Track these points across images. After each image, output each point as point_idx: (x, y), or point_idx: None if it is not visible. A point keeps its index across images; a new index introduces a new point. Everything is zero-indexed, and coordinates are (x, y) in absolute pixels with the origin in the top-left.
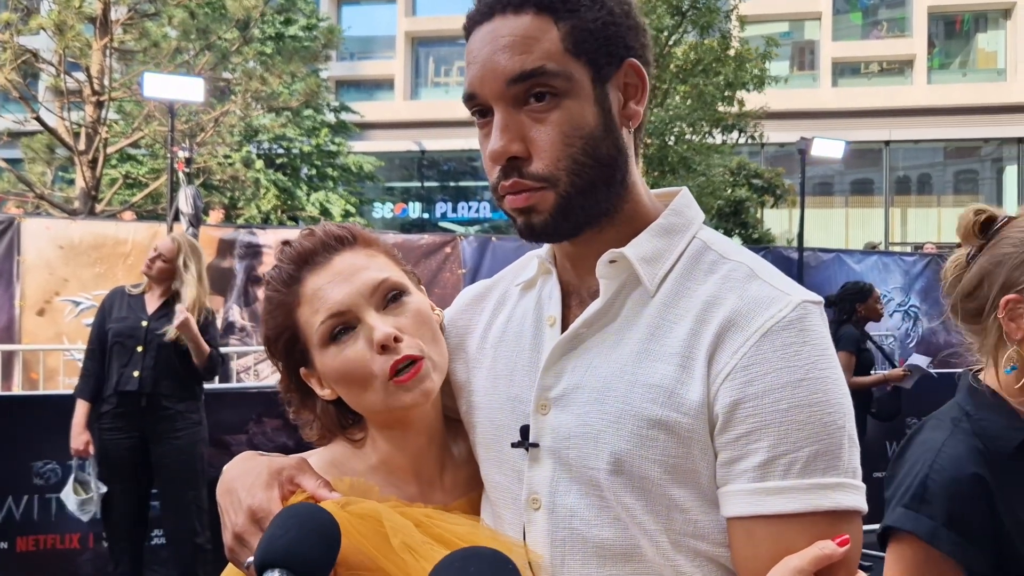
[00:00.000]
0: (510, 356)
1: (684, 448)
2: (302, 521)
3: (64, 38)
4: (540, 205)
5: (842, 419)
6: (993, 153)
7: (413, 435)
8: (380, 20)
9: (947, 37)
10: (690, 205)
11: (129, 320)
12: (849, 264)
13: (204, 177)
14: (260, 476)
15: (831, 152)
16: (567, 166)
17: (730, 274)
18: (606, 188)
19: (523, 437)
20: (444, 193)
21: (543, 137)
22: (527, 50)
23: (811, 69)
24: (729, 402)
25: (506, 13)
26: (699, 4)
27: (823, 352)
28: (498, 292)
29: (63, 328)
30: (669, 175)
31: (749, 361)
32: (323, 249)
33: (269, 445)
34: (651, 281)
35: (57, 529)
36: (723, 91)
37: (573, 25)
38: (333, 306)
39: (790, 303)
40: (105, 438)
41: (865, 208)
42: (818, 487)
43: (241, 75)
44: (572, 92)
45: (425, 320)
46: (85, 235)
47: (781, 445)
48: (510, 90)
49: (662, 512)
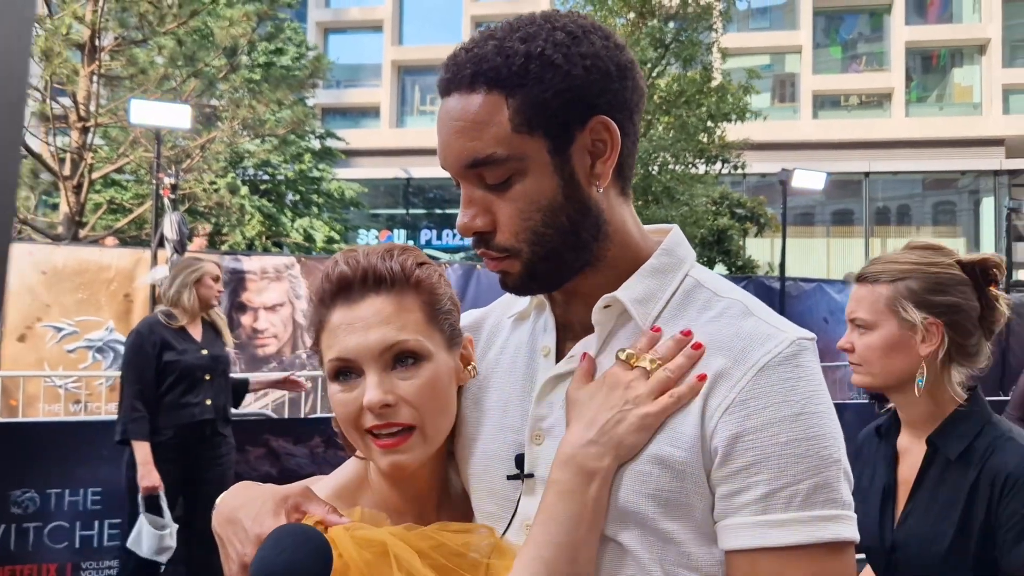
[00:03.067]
0: (503, 388)
1: (678, 482)
2: (296, 541)
3: (51, 64)
4: (509, 270)
5: (837, 452)
6: (970, 185)
7: (408, 488)
8: (366, 48)
9: (924, 71)
10: (681, 243)
11: (191, 352)
12: (830, 294)
13: (189, 203)
14: (266, 504)
15: (812, 183)
16: (527, 238)
17: (725, 311)
18: (572, 251)
19: (518, 466)
20: (429, 220)
21: (503, 212)
22: (477, 136)
23: (792, 101)
24: (728, 436)
25: (460, 90)
26: (682, 37)
27: (817, 387)
28: (490, 324)
29: (44, 354)
30: (653, 204)
31: (747, 395)
32: (360, 284)
33: (253, 474)
34: (644, 320)
35: (34, 559)
36: (705, 122)
37: (523, 100)
38: (341, 352)
39: (785, 339)
40: (159, 471)
41: (846, 238)
42: (819, 519)
43: (228, 102)
44: (527, 169)
45: (435, 391)
46: (68, 261)
47: (782, 478)
48: (468, 173)
49: (656, 544)
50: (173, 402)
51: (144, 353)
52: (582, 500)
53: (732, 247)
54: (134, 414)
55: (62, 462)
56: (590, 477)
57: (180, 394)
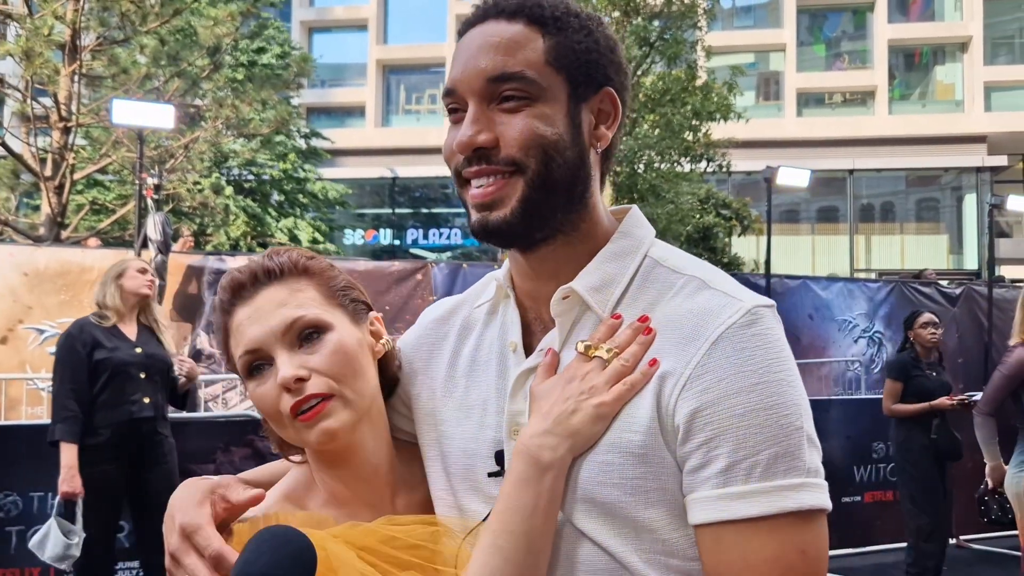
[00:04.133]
0: (481, 386)
1: (642, 467)
2: (277, 544)
3: (32, 64)
4: (507, 195)
5: (799, 420)
6: (953, 182)
7: (352, 467)
8: (351, 48)
9: (907, 69)
10: (639, 224)
11: (123, 349)
12: (816, 291)
13: (173, 204)
14: (194, 496)
15: (797, 180)
16: (536, 154)
17: (682, 289)
18: (567, 195)
19: (498, 462)
20: (415, 220)
21: (513, 129)
22: (511, 53)
23: (776, 99)
24: (688, 412)
25: (500, 18)
26: (667, 36)
27: (777, 355)
28: (461, 316)
29: (26, 357)
30: (639, 202)
31: (703, 370)
32: (251, 283)
33: None
34: (602, 308)
35: (17, 563)
36: (691, 120)
37: (559, 41)
38: (248, 343)
39: (740, 309)
40: (97, 473)
41: (831, 235)
42: (781, 488)
43: (212, 102)
44: (546, 99)
45: (344, 357)
46: (50, 262)
47: (741, 450)
48: (488, 88)
49: (630, 534)
50: (108, 401)
51: (75, 352)
52: (537, 490)
53: (718, 245)
54: (65, 414)
55: (45, 465)
56: (545, 468)
57: (114, 392)
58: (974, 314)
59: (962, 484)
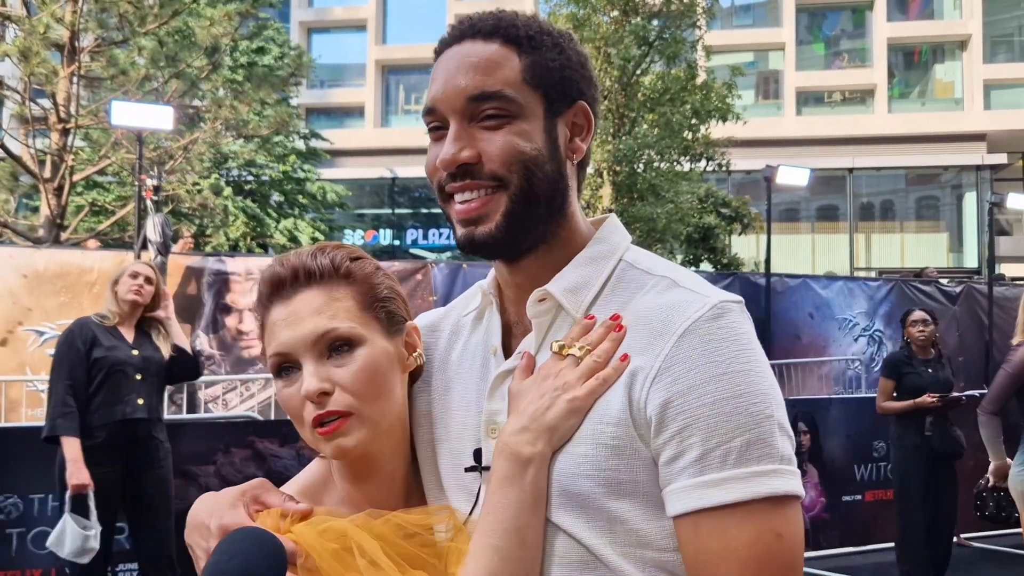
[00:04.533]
0: (464, 388)
1: (616, 459)
2: (249, 546)
3: (29, 65)
4: (492, 211)
5: (769, 408)
6: (952, 180)
7: (368, 478)
8: (350, 48)
9: (906, 67)
10: (616, 231)
11: (121, 349)
12: (815, 289)
13: (173, 205)
14: (225, 501)
15: (796, 179)
16: (518, 170)
17: (653, 289)
18: (548, 207)
19: (476, 460)
20: (415, 220)
21: (494, 145)
22: (490, 73)
23: (775, 98)
24: (659, 403)
25: (476, 38)
26: (666, 35)
27: (744, 347)
28: (451, 322)
29: (26, 358)
30: (638, 202)
31: (671, 362)
32: (291, 281)
33: (238, 476)
34: (576, 309)
35: (17, 565)
36: (690, 120)
37: (534, 60)
38: (277, 346)
39: (706, 304)
40: (92, 476)
41: (831, 234)
42: (755, 475)
43: (211, 103)
44: (525, 116)
45: (370, 375)
46: (50, 264)
47: (713, 438)
48: (468, 106)
49: (604, 527)
50: (103, 400)
51: (75, 349)
52: (521, 486)
53: (718, 244)
54: (64, 409)
55: (45, 467)
56: (526, 463)
57: (110, 392)
58: (974, 312)
59: (963, 482)
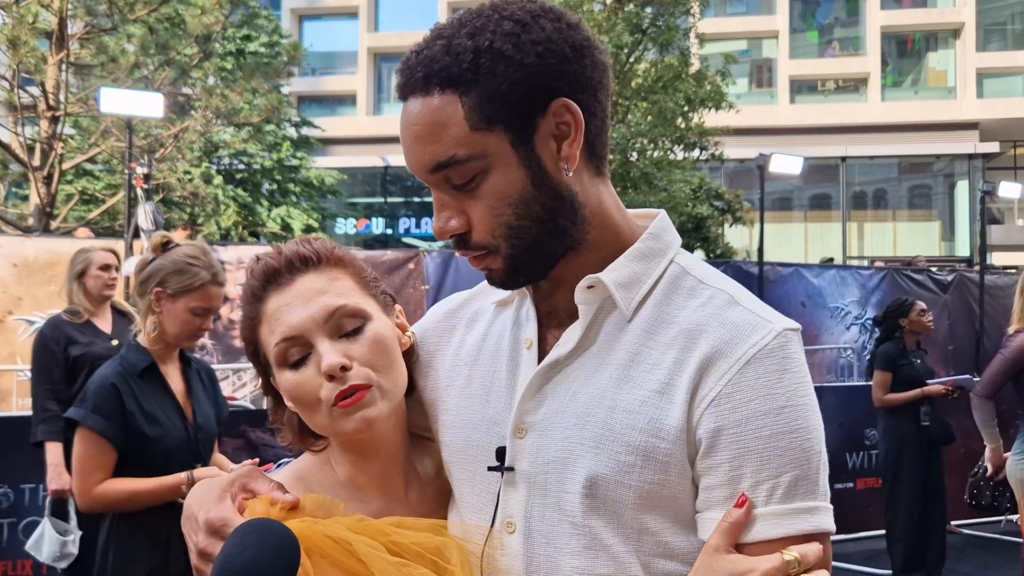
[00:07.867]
0: (486, 376)
1: (661, 475)
2: (261, 538)
3: (18, 53)
4: (492, 267)
5: (819, 444)
6: (945, 169)
7: (372, 456)
8: (342, 36)
9: (899, 56)
10: (668, 229)
11: (99, 343)
12: (808, 278)
13: (163, 193)
14: (213, 492)
15: (789, 168)
16: (503, 233)
17: (710, 301)
18: (552, 239)
19: (499, 460)
20: (407, 208)
21: (475, 212)
22: (436, 139)
23: (769, 86)
24: (712, 428)
25: (416, 95)
26: (659, 22)
27: (802, 379)
28: (472, 308)
29: (16, 348)
30: (631, 190)
31: (733, 388)
32: (287, 269)
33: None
34: (627, 306)
35: (8, 556)
36: (683, 108)
37: (479, 95)
38: (287, 330)
39: (772, 331)
40: None
41: (823, 223)
42: (798, 511)
43: (201, 91)
44: (491, 166)
45: (382, 348)
46: (40, 252)
47: (764, 471)
48: (433, 178)
49: (632, 535)
50: None
51: (50, 352)
52: None
53: (711, 234)
54: (45, 414)
55: (36, 457)
56: None
57: None
58: (965, 301)
59: (953, 469)
